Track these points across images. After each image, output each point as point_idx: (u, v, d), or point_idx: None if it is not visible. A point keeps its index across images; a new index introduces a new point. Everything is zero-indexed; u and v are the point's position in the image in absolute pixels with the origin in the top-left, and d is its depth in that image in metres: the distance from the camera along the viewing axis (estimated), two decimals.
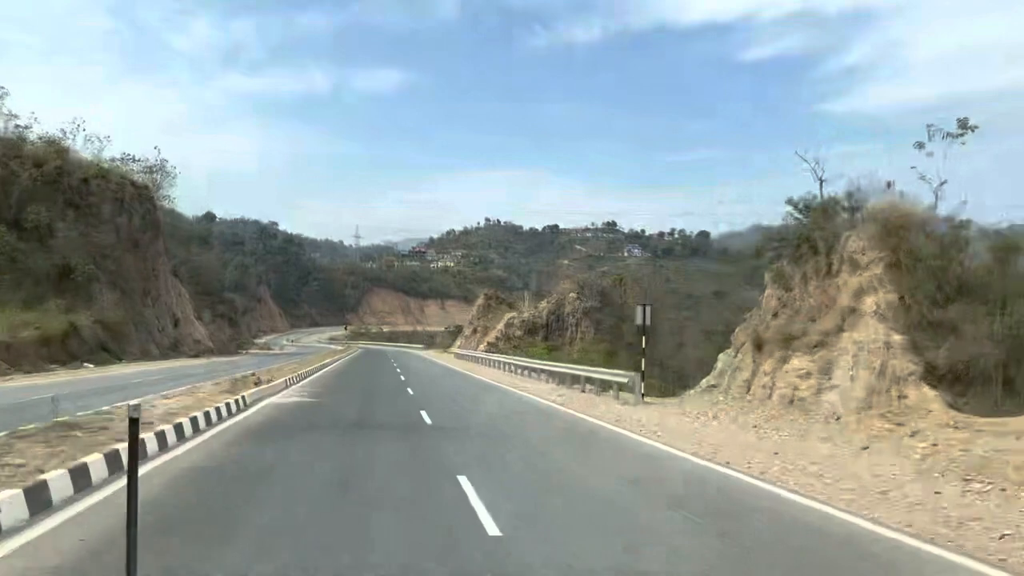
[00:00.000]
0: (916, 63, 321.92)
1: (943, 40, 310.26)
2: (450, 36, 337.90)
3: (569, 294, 64.56)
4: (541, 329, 63.90)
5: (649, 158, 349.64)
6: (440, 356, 71.60)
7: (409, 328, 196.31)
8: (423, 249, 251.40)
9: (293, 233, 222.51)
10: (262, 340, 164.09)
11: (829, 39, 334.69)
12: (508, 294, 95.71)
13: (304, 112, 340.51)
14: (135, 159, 67.87)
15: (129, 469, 4.39)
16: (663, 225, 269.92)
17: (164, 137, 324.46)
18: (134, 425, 4.32)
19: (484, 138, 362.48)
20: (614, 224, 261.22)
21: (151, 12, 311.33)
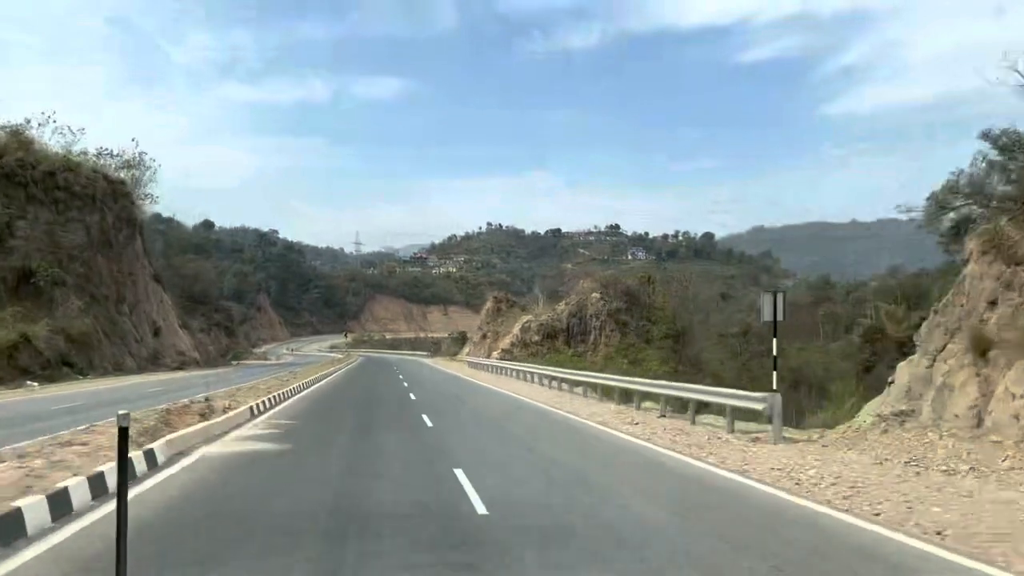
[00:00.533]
0: (914, 63, 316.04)
1: (943, 40, 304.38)
2: (449, 44, 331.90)
3: (591, 294, 57.35)
4: (561, 333, 56.67)
5: (649, 161, 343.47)
6: (449, 364, 64.26)
7: (412, 335, 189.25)
8: (425, 255, 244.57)
9: (293, 241, 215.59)
10: (261, 349, 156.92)
11: (827, 41, 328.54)
12: (519, 297, 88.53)
13: (303, 121, 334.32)
14: (112, 154, 60.79)
15: (119, 483, 3.88)
16: (663, 228, 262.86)
17: (164, 147, 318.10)
18: (123, 435, 3.86)
19: (484, 145, 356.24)
20: (617, 227, 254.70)
21: (150, 22, 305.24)
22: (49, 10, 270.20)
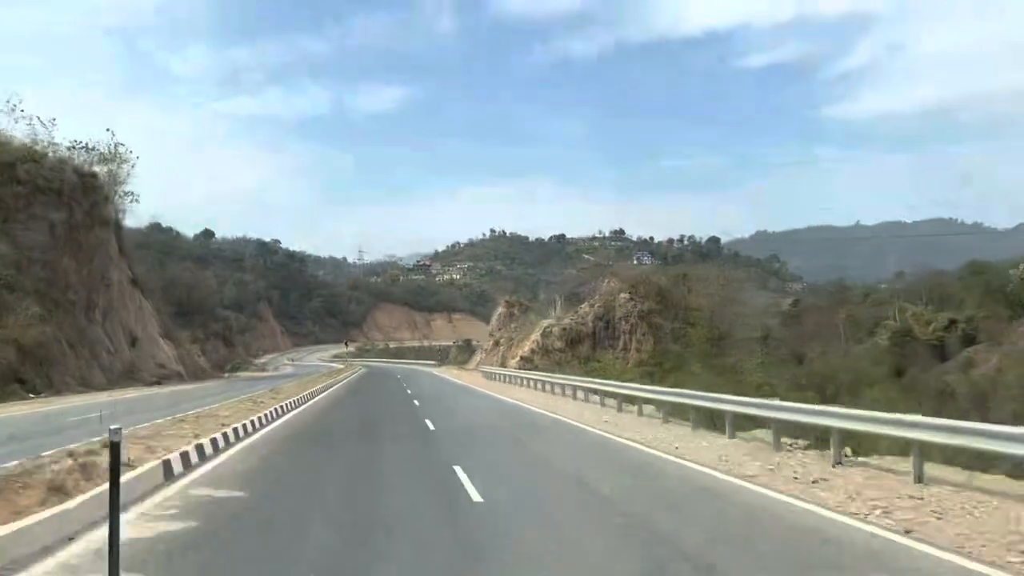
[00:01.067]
0: (916, 66, 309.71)
1: (944, 42, 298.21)
2: (450, 53, 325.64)
3: (619, 295, 50.42)
4: (587, 338, 49.72)
5: (651, 166, 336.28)
6: (461, 375, 57.06)
7: (416, 343, 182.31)
8: (428, 263, 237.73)
9: (295, 250, 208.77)
10: (262, 359, 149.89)
11: (827, 45, 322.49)
12: (533, 302, 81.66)
13: (304, 131, 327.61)
14: (87, 147, 53.90)
15: (111, 497, 4.03)
16: (667, 232, 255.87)
17: (167, 158, 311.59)
18: (115, 450, 4.03)
19: (487, 152, 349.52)
20: (622, 232, 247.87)
21: (151, 38, 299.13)
22: (49, 27, 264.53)
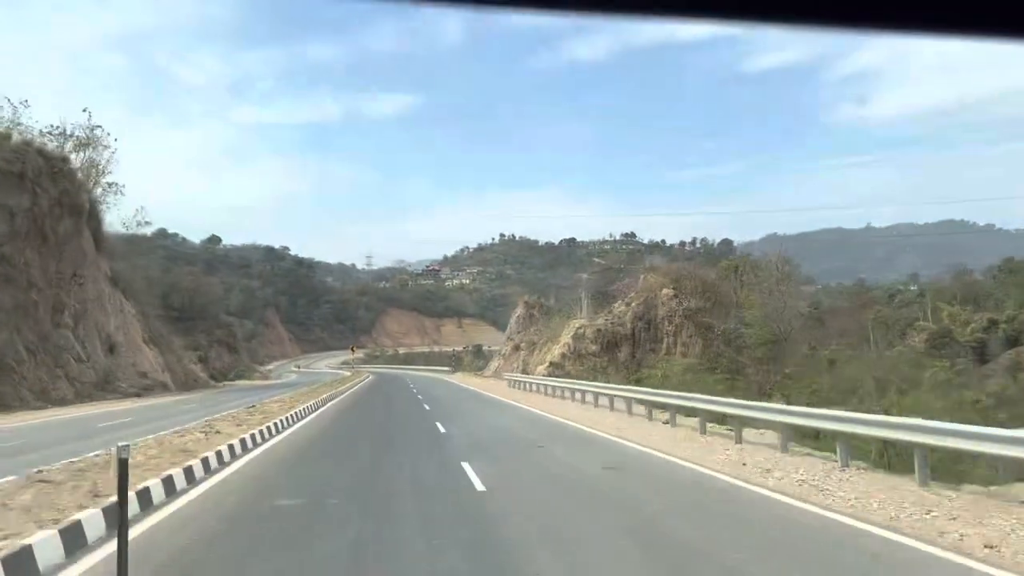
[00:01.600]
0: (926, 69, 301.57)
1: (954, 44, 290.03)
2: (456, 59, 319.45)
3: (661, 291, 43.49)
4: (625, 341, 42.78)
5: (659, 171, 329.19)
6: (483, 383, 49.76)
7: (426, 349, 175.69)
8: (437, 267, 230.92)
9: (303, 257, 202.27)
10: (269, 367, 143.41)
11: (836, 46, 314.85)
12: (554, 302, 74.74)
13: (312, 140, 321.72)
14: (65, 132, 47.43)
15: (120, 511, 4.09)
16: (678, 235, 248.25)
17: (176, 170, 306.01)
18: (123, 467, 4.04)
19: (495, 158, 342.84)
20: (632, 235, 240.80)
21: (162, 49, 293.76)
22: (62, 45, 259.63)
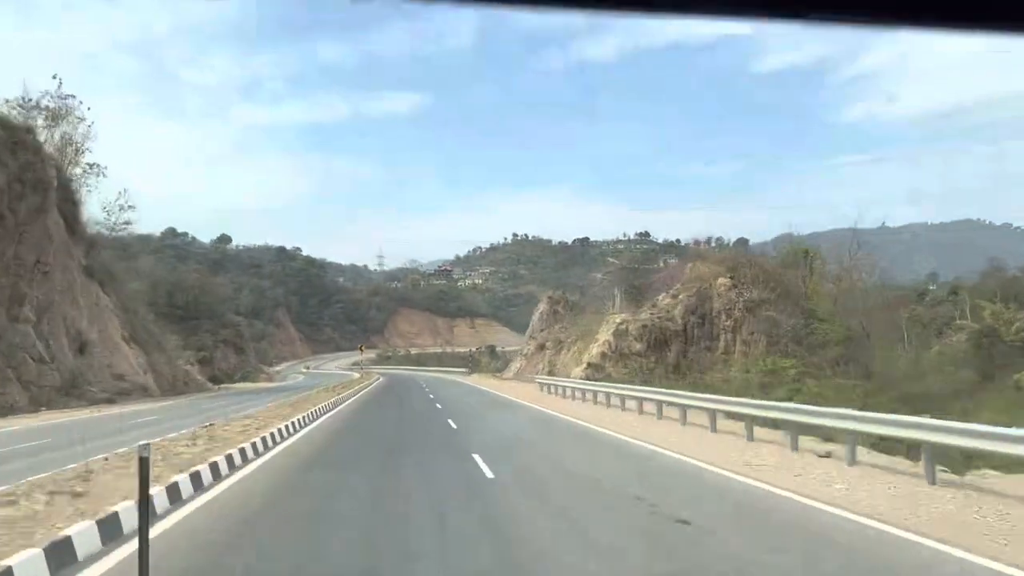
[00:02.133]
0: (938, 68, 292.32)
1: (966, 44, 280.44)
2: (466, 59, 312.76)
3: (716, 281, 36.77)
4: (675, 338, 36.08)
5: (672, 169, 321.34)
6: (506, 387, 43.00)
7: (438, 349, 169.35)
8: (449, 267, 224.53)
9: (315, 257, 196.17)
10: (278, 368, 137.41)
11: (848, 45, 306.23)
12: (583, 296, 68.28)
13: (322, 140, 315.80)
14: (34, 103, 41.22)
15: (140, 512, 3.93)
16: (690, 235, 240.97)
17: (185, 169, 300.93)
18: (144, 465, 3.94)
19: (505, 158, 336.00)
20: (647, 234, 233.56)
21: (171, 50, 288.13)
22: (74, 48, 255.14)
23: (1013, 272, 78.67)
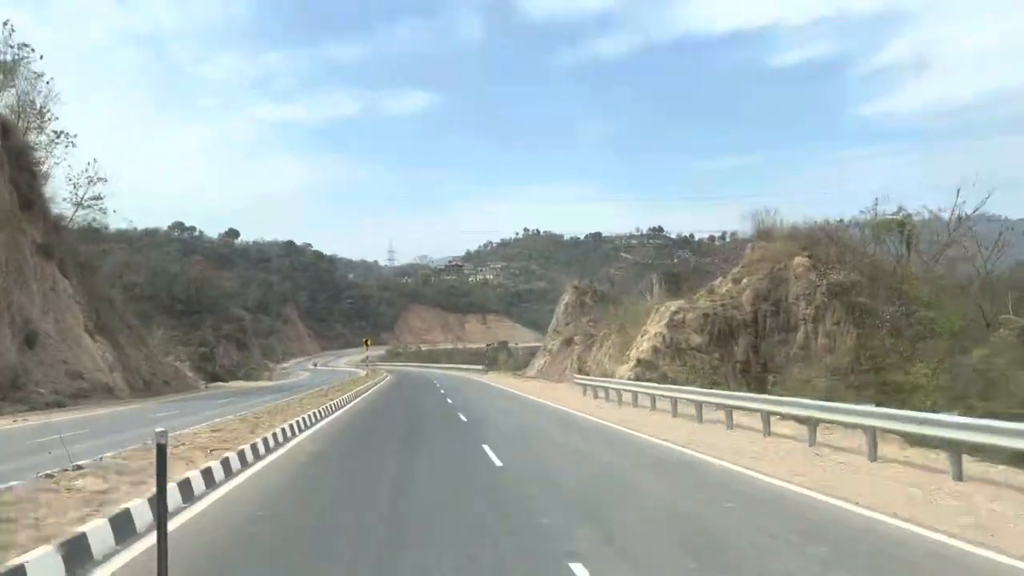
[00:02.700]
0: (952, 61, 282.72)
1: (980, 38, 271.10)
2: (476, 55, 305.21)
3: (792, 260, 29.81)
4: (744, 330, 29.15)
5: (684, 167, 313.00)
6: (544, 391, 34.91)
7: (449, 345, 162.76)
8: (460, 263, 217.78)
9: (325, 252, 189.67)
10: (286, 364, 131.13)
11: (860, 40, 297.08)
12: (613, 286, 61.51)
13: (334, 138, 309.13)
14: None
15: (159, 500, 3.92)
16: (703, 230, 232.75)
17: (196, 166, 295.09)
18: (162, 453, 3.85)
19: (517, 154, 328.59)
20: (660, 229, 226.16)
21: (183, 49, 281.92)
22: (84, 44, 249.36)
23: None
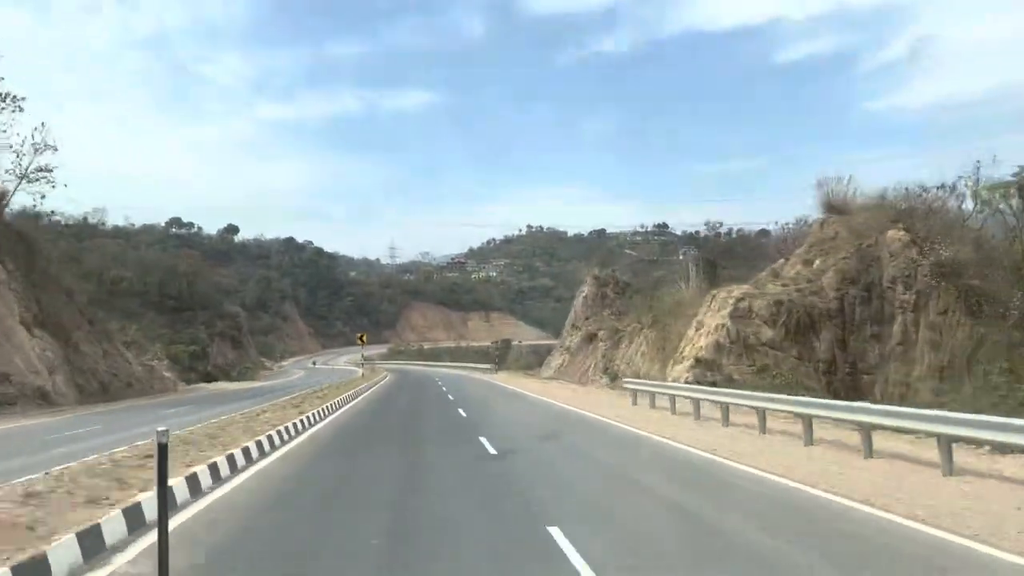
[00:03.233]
0: (959, 57, 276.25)
1: (979, 33, 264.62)
2: (478, 54, 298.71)
3: (886, 234, 23.58)
4: (827, 321, 22.94)
5: (687, 166, 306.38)
6: (590, 400, 27.33)
7: (452, 344, 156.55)
8: (462, 260, 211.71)
9: (325, 249, 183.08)
10: (284, 363, 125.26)
11: (866, 36, 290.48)
12: (637, 276, 55.62)
13: (335, 136, 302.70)
14: None
15: (159, 499, 3.76)
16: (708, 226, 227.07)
17: (198, 165, 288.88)
18: (163, 452, 3.74)
19: (520, 153, 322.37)
20: (665, 226, 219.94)
21: (185, 48, 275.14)
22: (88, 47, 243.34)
23: None
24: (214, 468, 9.15)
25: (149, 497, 6.76)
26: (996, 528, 6.09)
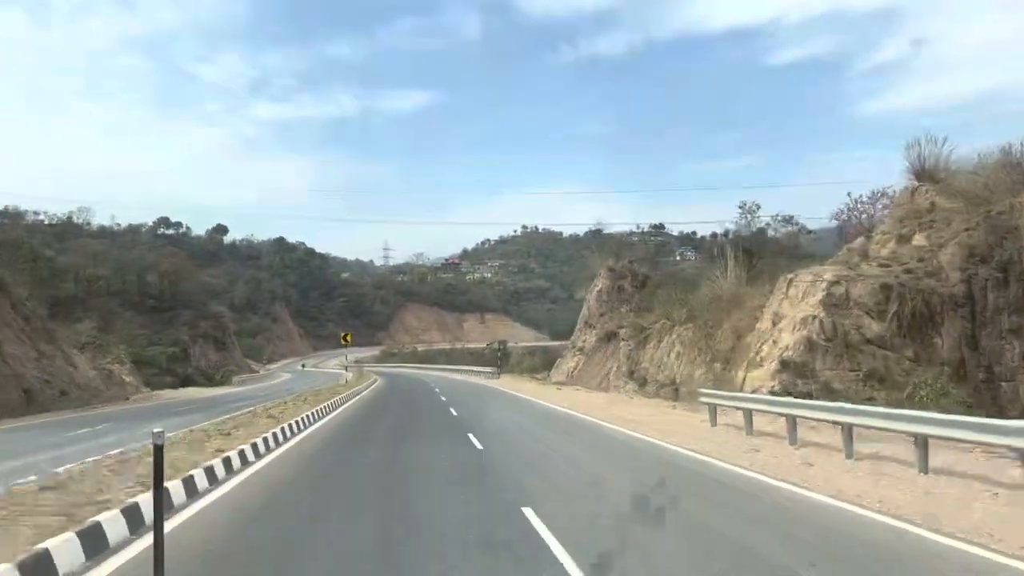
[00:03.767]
0: (953, 60, 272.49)
1: (975, 35, 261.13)
2: (474, 55, 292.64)
3: (1018, 198, 17.95)
4: (948, 311, 17.21)
5: (683, 167, 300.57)
6: (648, 420, 18.10)
7: (447, 345, 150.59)
8: (457, 260, 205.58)
9: (317, 250, 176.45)
10: (274, 365, 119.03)
11: (859, 38, 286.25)
12: (655, 269, 49.88)
13: (331, 137, 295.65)
14: None
15: (155, 499, 3.90)
16: (705, 228, 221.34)
17: (196, 165, 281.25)
18: (159, 453, 3.80)
19: (514, 155, 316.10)
20: (661, 226, 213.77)
21: (182, 49, 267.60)
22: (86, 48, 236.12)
23: None
24: None
25: None
26: None
